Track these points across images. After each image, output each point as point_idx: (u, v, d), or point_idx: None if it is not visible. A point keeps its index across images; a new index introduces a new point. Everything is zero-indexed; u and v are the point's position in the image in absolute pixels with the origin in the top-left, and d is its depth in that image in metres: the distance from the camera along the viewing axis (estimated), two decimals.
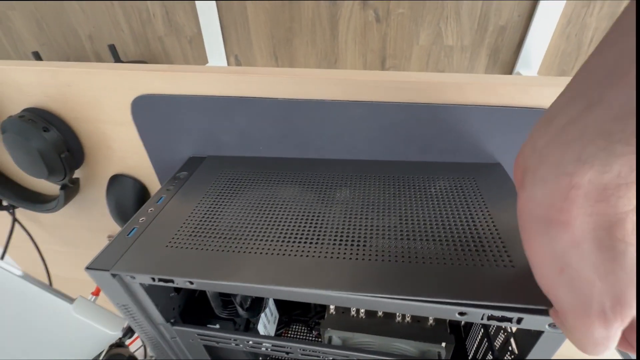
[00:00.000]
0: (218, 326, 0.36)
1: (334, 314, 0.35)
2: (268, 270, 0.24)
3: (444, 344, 0.32)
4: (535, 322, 0.21)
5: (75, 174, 0.45)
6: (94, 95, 0.39)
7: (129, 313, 0.30)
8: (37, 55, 1.28)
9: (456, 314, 0.22)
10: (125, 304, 0.29)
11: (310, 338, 0.48)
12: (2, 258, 0.51)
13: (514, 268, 0.23)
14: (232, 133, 0.39)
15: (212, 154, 0.41)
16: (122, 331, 0.38)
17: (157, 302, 0.29)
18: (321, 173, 0.36)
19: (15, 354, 0.38)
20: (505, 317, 0.21)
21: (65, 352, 0.39)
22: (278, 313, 0.48)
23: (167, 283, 0.25)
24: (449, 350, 0.32)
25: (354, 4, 1.06)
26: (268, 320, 0.43)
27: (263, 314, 0.40)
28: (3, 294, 0.34)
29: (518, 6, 0.98)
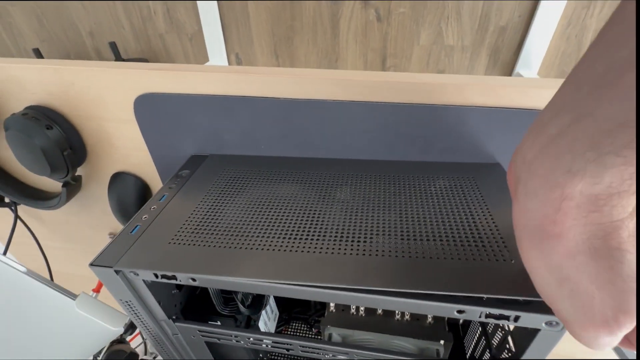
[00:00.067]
0: (219, 323, 0.36)
1: (334, 312, 0.35)
2: (270, 266, 0.25)
3: (443, 342, 0.32)
4: (532, 320, 0.22)
5: (77, 172, 0.45)
6: (97, 94, 0.39)
7: (132, 309, 0.30)
8: (37, 52, 1.28)
9: (454, 311, 0.22)
10: (128, 300, 0.29)
11: (310, 335, 0.48)
12: (5, 254, 0.51)
13: (513, 262, 0.23)
14: (233, 132, 0.39)
15: (214, 153, 0.41)
16: (123, 327, 0.38)
17: (160, 299, 0.30)
18: (322, 172, 0.37)
19: (18, 349, 0.38)
20: (503, 315, 0.22)
21: (67, 348, 0.39)
22: (278, 311, 0.48)
23: (169, 280, 0.25)
24: (447, 348, 0.32)
25: (355, 3, 1.06)
26: (268, 318, 0.43)
27: (264, 311, 0.40)
28: (7, 289, 0.35)
29: (519, 7, 0.98)
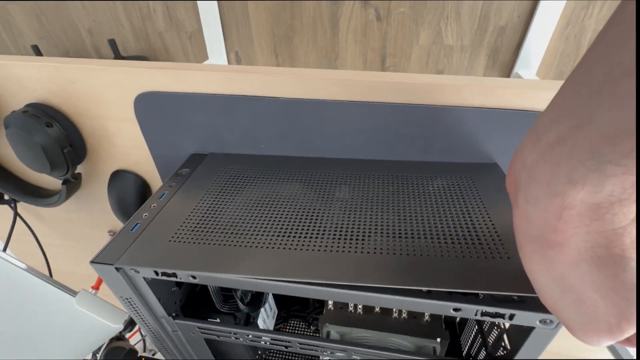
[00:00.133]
0: (219, 320, 0.36)
1: (332, 310, 0.36)
2: (269, 264, 0.25)
3: (439, 340, 0.33)
4: (526, 318, 0.22)
5: (77, 169, 0.46)
6: (97, 92, 0.39)
7: (132, 306, 0.30)
8: (36, 49, 1.27)
9: (451, 309, 0.23)
10: (129, 298, 0.29)
11: (308, 333, 0.49)
12: (4, 251, 0.51)
13: (510, 260, 0.23)
14: (233, 131, 0.40)
15: (214, 151, 0.42)
16: (123, 324, 0.38)
17: (160, 296, 0.30)
18: (321, 171, 0.37)
19: (18, 345, 0.38)
20: (498, 314, 0.22)
21: (67, 345, 0.40)
22: (277, 308, 0.48)
23: (170, 277, 0.26)
24: (443, 346, 0.33)
25: (355, 3, 1.06)
26: (267, 315, 0.43)
27: (263, 308, 0.40)
28: (7, 286, 0.35)
29: (518, 7, 0.98)
